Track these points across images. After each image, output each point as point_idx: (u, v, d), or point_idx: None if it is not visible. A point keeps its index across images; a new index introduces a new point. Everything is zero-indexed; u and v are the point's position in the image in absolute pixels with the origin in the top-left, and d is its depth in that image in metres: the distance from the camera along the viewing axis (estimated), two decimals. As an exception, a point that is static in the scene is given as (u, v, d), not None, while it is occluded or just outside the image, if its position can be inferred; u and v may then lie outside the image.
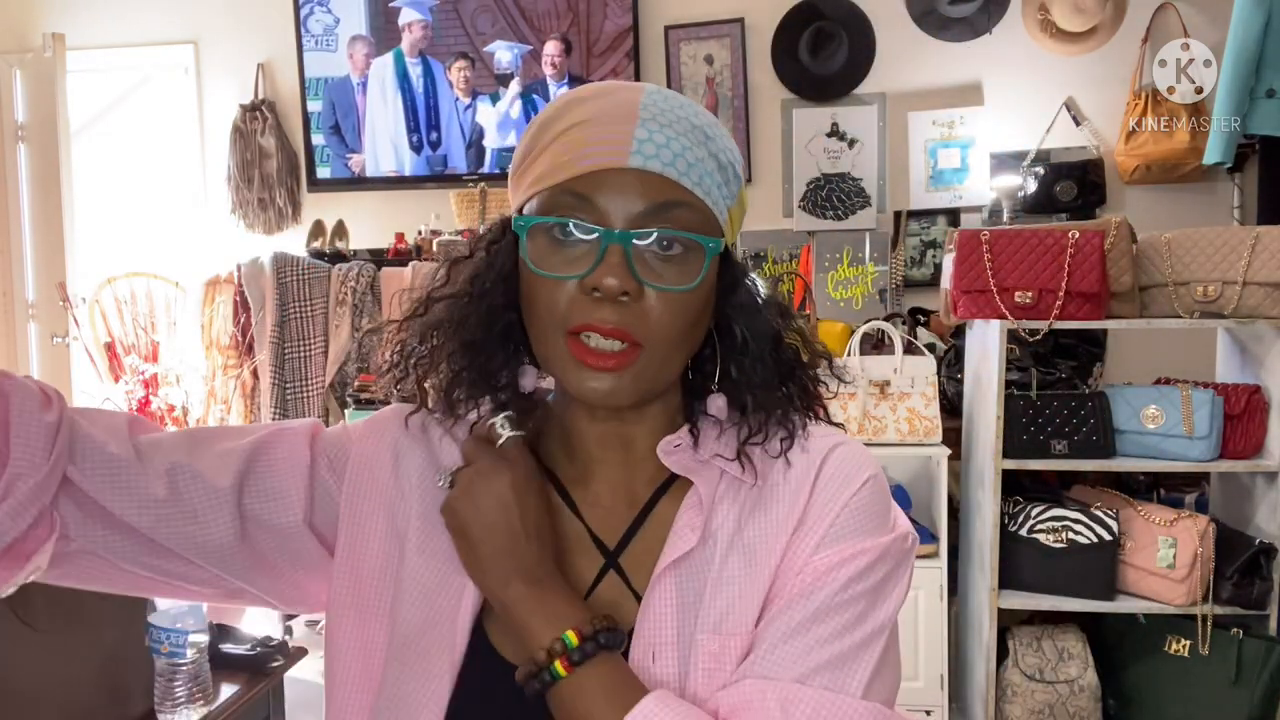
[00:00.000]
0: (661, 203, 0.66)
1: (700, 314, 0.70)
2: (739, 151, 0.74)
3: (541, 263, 0.68)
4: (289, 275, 3.44)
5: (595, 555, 0.74)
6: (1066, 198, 3.36)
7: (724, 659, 0.68)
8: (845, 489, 0.72)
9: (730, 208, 0.72)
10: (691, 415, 0.77)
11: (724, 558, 0.71)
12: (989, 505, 2.42)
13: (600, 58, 3.80)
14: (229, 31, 3.98)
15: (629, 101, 0.69)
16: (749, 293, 0.75)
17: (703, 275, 0.68)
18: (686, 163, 0.67)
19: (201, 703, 1.32)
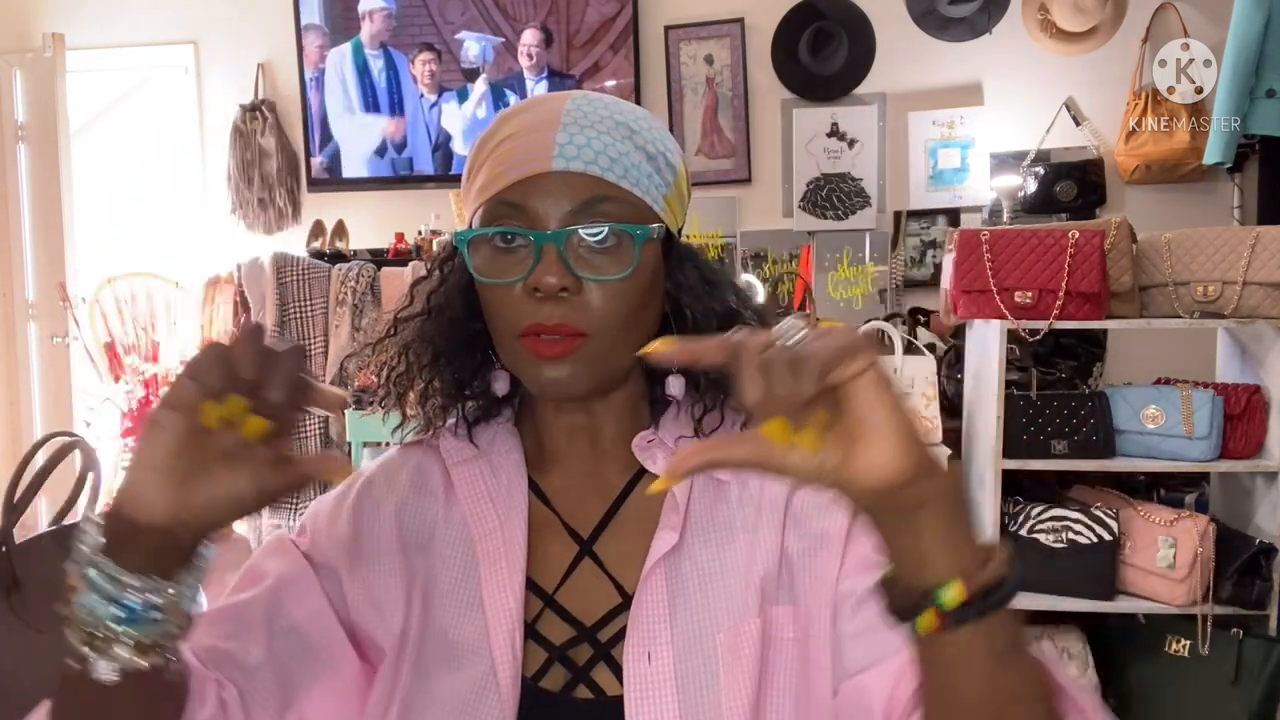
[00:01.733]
0: (587, 199, 0.70)
1: (644, 299, 0.73)
2: (673, 141, 0.78)
3: (487, 272, 0.72)
4: (289, 275, 3.44)
5: (568, 542, 0.76)
6: (1066, 198, 3.36)
7: (740, 650, 0.70)
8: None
9: (666, 195, 0.75)
10: (653, 401, 0.80)
11: (703, 550, 0.73)
12: (989, 505, 2.42)
13: (582, 49, 3.69)
14: (229, 31, 3.98)
15: (553, 110, 0.73)
16: (696, 274, 0.78)
17: (635, 262, 0.71)
18: (609, 158, 0.71)
19: (201, 703, 1.31)
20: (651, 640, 0.70)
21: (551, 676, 0.72)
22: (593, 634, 0.73)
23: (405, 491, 0.79)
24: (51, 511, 1.36)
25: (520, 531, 0.75)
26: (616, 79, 3.69)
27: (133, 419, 3.16)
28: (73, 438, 1.38)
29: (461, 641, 0.73)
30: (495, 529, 0.75)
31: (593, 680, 0.72)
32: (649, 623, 0.71)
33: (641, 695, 0.69)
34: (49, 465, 1.32)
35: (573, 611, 0.74)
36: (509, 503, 0.77)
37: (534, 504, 0.77)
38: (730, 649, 0.70)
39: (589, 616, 0.74)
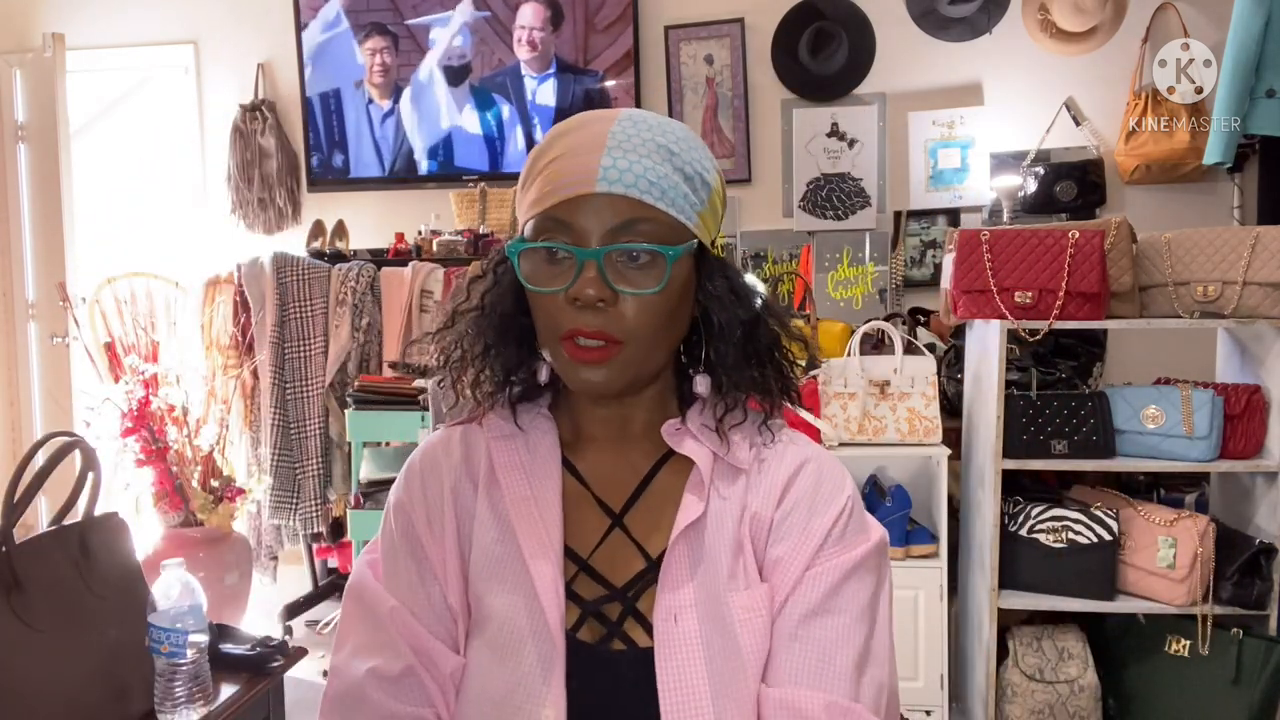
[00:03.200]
0: (627, 220, 0.77)
1: (675, 308, 0.81)
2: (709, 159, 0.84)
3: (534, 280, 0.80)
4: (289, 275, 3.44)
5: (600, 516, 0.85)
6: (1066, 198, 3.36)
7: (755, 609, 0.80)
8: (829, 507, 0.83)
9: (700, 211, 0.82)
10: (684, 395, 0.89)
11: (720, 525, 0.83)
12: (989, 505, 2.42)
13: (605, 34, 3.51)
14: (229, 31, 3.98)
15: (600, 133, 0.80)
16: (725, 284, 0.85)
17: (666, 278, 0.78)
18: (649, 181, 0.78)
19: (201, 703, 1.32)
20: (677, 603, 0.79)
21: (588, 629, 0.82)
22: (623, 594, 0.82)
23: (459, 468, 0.88)
24: (51, 511, 1.35)
25: (555, 501, 0.84)
26: (616, 78, 3.69)
27: (133, 419, 3.16)
28: (73, 438, 1.37)
29: (510, 599, 0.82)
30: (528, 498, 0.84)
31: (625, 634, 0.81)
32: (675, 585, 0.80)
33: (670, 651, 0.78)
34: (49, 465, 1.32)
35: (604, 574, 0.83)
36: (544, 476, 0.85)
37: (568, 479, 0.87)
38: (746, 608, 0.80)
39: (619, 579, 0.83)
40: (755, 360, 0.85)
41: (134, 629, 1.31)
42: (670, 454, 0.86)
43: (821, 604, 0.80)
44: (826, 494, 0.84)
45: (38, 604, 1.23)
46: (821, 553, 0.82)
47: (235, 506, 3.22)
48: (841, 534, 0.83)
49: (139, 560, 1.40)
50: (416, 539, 0.86)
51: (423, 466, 0.89)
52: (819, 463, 0.86)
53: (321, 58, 3.84)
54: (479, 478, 0.87)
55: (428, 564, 0.86)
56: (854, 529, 0.84)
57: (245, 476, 3.46)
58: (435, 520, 0.86)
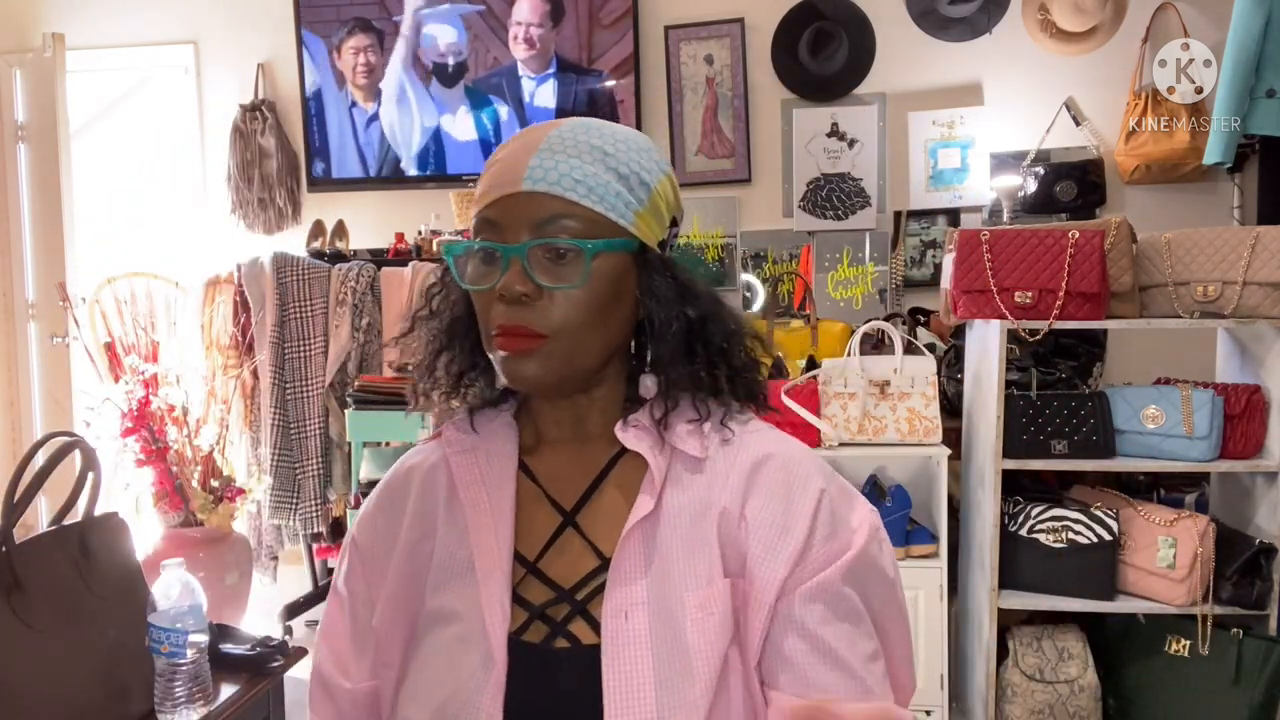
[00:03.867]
0: (548, 216, 0.79)
1: (606, 306, 0.81)
2: (654, 163, 0.85)
3: (471, 279, 0.82)
4: (289, 275, 3.44)
5: (552, 515, 0.86)
6: (1066, 198, 3.36)
7: (709, 606, 0.78)
8: (804, 500, 0.81)
9: (639, 211, 0.82)
10: (634, 394, 0.88)
11: (676, 520, 0.82)
12: (989, 505, 2.42)
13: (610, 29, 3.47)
14: (229, 31, 3.98)
15: (538, 138, 0.82)
16: (669, 284, 0.85)
17: (586, 271, 0.79)
18: (574, 179, 0.79)
19: (201, 703, 1.32)
20: (628, 600, 0.79)
21: (533, 631, 0.81)
22: (571, 594, 0.82)
23: (417, 491, 0.90)
24: (51, 511, 1.35)
25: (508, 507, 0.85)
26: (617, 79, 3.69)
27: (133, 419, 3.16)
28: (73, 438, 1.37)
29: (458, 607, 0.83)
30: (486, 510, 0.85)
31: (570, 632, 0.80)
32: (627, 582, 0.79)
33: (618, 647, 0.77)
34: (49, 465, 1.32)
35: (553, 576, 0.83)
36: (500, 484, 0.86)
37: (523, 482, 0.88)
38: (700, 606, 0.78)
39: (569, 580, 0.83)
40: (704, 360, 0.85)
41: (134, 629, 1.32)
42: (625, 451, 0.86)
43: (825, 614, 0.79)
44: (799, 486, 0.82)
45: (38, 604, 1.23)
46: (808, 555, 0.80)
47: (235, 506, 3.22)
48: (829, 529, 0.81)
49: (139, 560, 1.40)
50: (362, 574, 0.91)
51: (386, 499, 0.92)
52: (784, 454, 0.84)
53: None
54: (439, 499, 0.89)
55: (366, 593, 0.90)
56: (839, 518, 0.82)
57: (245, 476, 3.46)
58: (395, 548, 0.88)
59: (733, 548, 0.81)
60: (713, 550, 0.80)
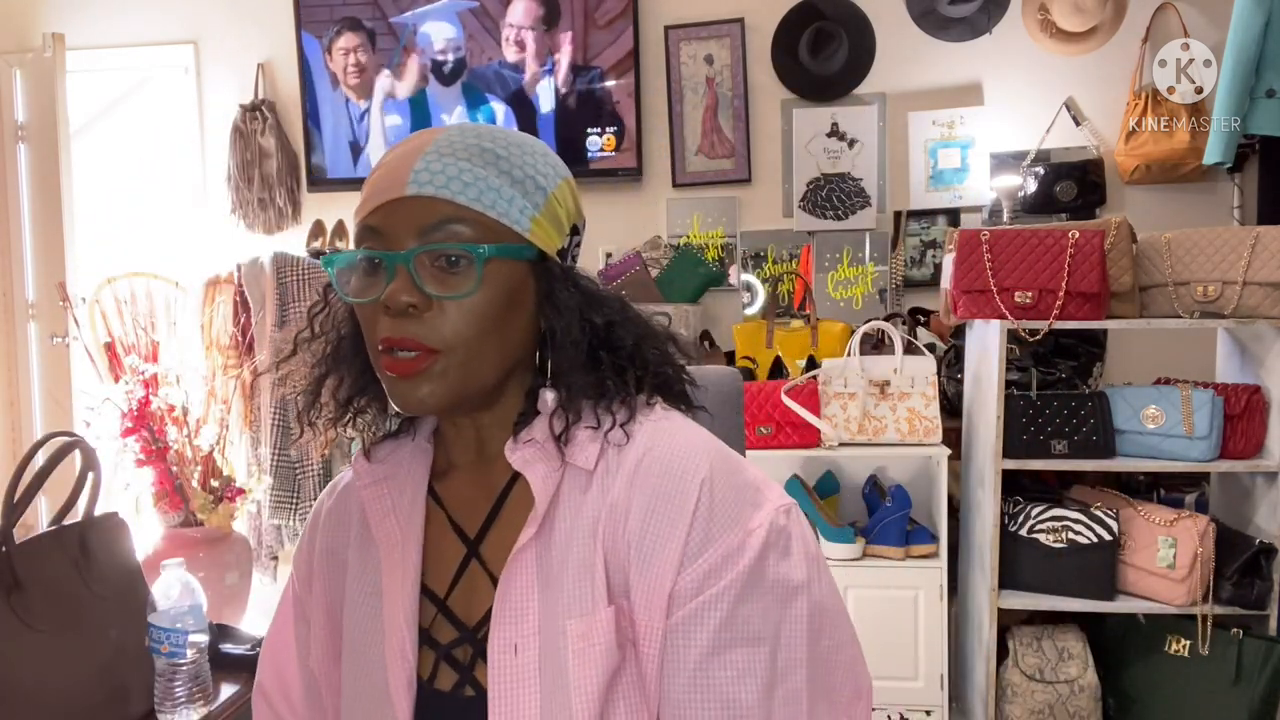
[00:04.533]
0: (435, 221, 0.73)
1: (500, 316, 0.75)
2: (550, 167, 0.80)
3: (354, 292, 0.77)
4: (289, 275, 3.44)
5: (458, 545, 0.81)
6: (1066, 198, 3.36)
7: (591, 637, 0.72)
8: (685, 500, 0.73)
9: (534, 216, 0.77)
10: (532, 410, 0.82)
11: (568, 543, 0.76)
12: (989, 505, 2.42)
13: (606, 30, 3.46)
14: (229, 31, 3.98)
15: (423, 142, 0.76)
16: (570, 293, 0.79)
17: (478, 280, 0.73)
18: (463, 183, 0.74)
19: (201, 703, 1.32)
20: (518, 632, 0.74)
21: (443, 676, 0.78)
22: (473, 634, 0.78)
23: (329, 524, 0.88)
24: (51, 511, 1.35)
25: (416, 540, 0.81)
26: (617, 79, 3.68)
27: (133, 419, 3.16)
28: (73, 438, 1.37)
29: (369, 651, 0.80)
30: (397, 544, 0.81)
31: (475, 677, 0.77)
32: (515, 614, 0.75)
33: (505, 689, 0.73)
34: (49, 465, 1.32)
35: (458, 612, 0.79)
36: (410, 515, 0.82)
37: (431, 510, 0.83)
38: (582, 636, 0.72)
39: (472, 616, 0.79)
40: (610, 366, 0.80)
41: (134, 629, 1.32)
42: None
43: (713, 642, 0.71)
44: (675, 483, 0.74)
45: (38, 604, 1.23)
46: (688, 567, 0.72)
47: (235, 506, 3.22)
48: (706, 533, 0.72)
49: (139, 560, 1.40)
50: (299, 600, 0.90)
51: (312, 521, 0.90)
52: (665, 446, 0.76)
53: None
54: (351, 532, 0.85)
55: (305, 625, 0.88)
56: (729, 518, 0.73)
57: (245, 476, 3.46)
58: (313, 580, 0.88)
59: (618, 568, 0.74)
60: (595, 572, 0.74)
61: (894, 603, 2.51)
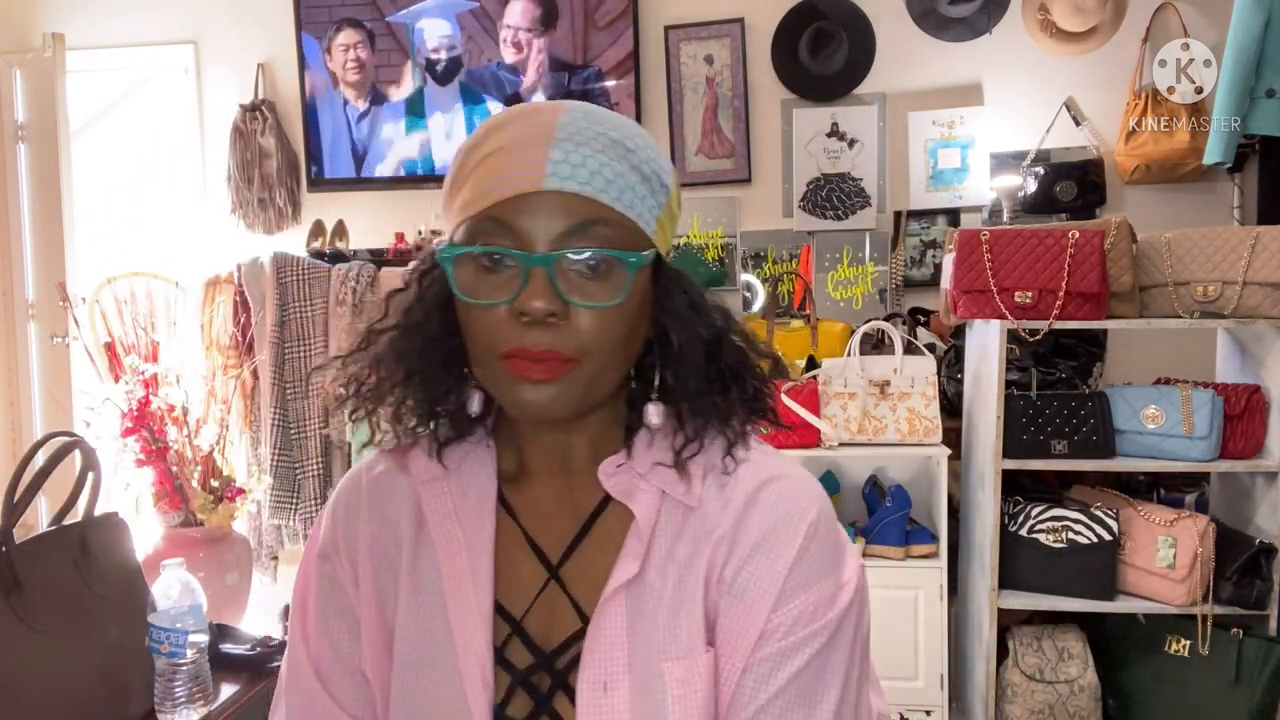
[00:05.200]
0: (580, 221, 0.67)
1: (633, 326, 0.71)
2: (666, 160, 0.74)
3: (470, 291, 0.69)
4: (289, 275, 3.44)
5: (536, 566, 0.75)
6: (1066, 198, 3.36)
7: (692, 683, 0.69)
8: (791, 539, 0.72)
9: (659, 217, 0.72)
10: (634, 424, 0.77)
11: (663, 580, 0.72)
12: (989, 505, 2.42)
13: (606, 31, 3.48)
14: (229, 31, 3.98)
15: (546, 123, 0.69)
16: (684, 299, 0.74)
17: (627, 290, 0.68)
18: (605, 179, 0.68)
19: (201, 703, 1.32)
20: (608, 670, 0.69)
21: (516, 704, 0.73)
22: (551, 661, 0.73)
23: (380, 516, 0.79)
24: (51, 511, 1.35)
25: (487, 553, 0.74)
26: (617, 79, 3.68)
27: (133, 419, 3.16)
28: (73, 438, 1.37)
29: (435, 667, 0.73)
30: (461, 550, 0.74)
31: (554, 709, 0.72)
32: (606, 650, 0.70)
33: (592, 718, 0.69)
34: (49, 465, 1.32)
35: (535, 637, 0.74)
36: (477, 522, 0.75)
37: (503, 522, 0.77)
38: (682, 681, 0.69)
39: (549, 642, 0.74)
40: (719, 383, 0.75)
41: (134, 629, 1.32)
42: None
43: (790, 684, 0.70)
44: (785, 534, 0.72)
45: (38, 604, 1.23)
46: (784, 608, 0.70)
47: (235, 506, 3.21)
48: (805, 579, 0.71)
49: (139, 560, 1.40)
50: (344, 592, 0.79)
51: (347, 510, 0.80)
52: (775, 488, 0.74)
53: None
54: (403, 527, 0.77)
55: (356, 624, 0.78)
56: (825, 564, 0.72)
57: (245, 476, 3.46)
58: (358, 573, 0.78)
59: (712, 605, 0.72)
60: (696, 611, 0.71)
61: (894, 603, 2.51)
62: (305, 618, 0.80)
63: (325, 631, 0.79)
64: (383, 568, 0.77)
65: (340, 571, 0.79)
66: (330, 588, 0.79)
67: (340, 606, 0.79)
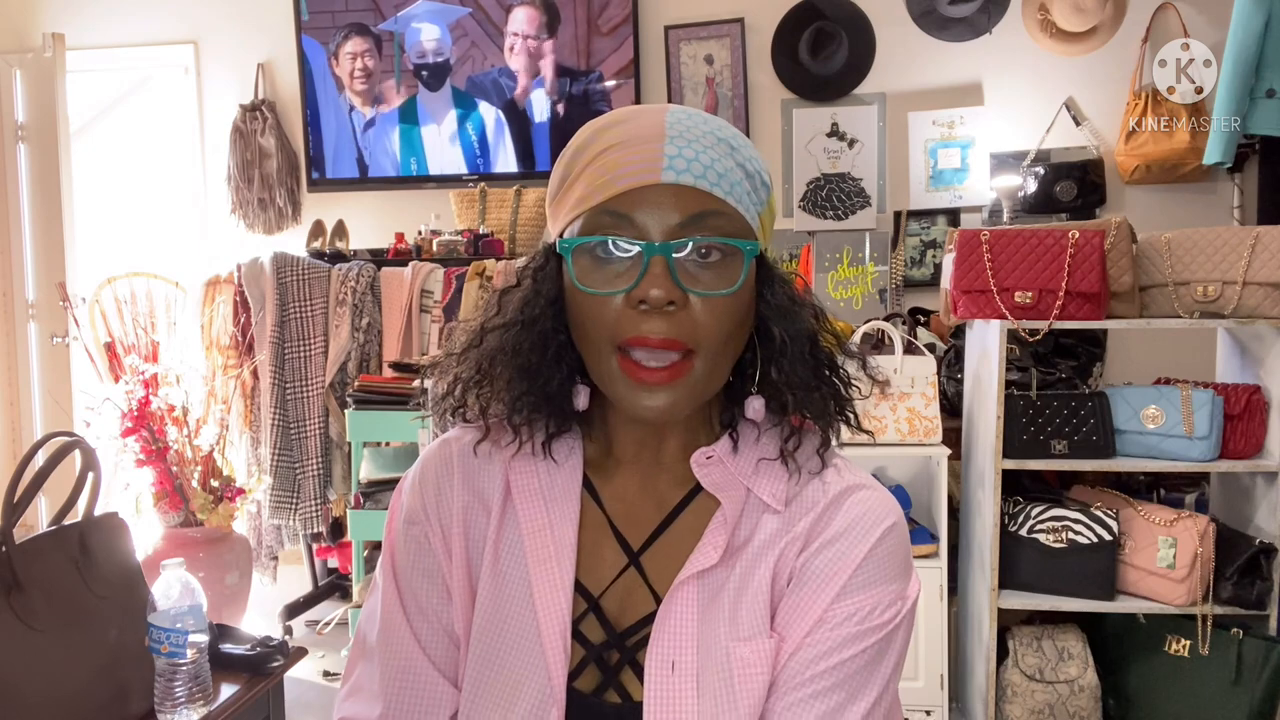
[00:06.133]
0: (696, 213, 0.70)
1: (744, 316, 0.74)
2: (763, 160, 0.77)
3: (588, 281, 0.71)
4: (289, 275, 3.44)
5: (617, 552, 0.78)
6: (1066, 198, 3.36)
7: (757, 664, 0.72)
8: (867, 537, 0.74)
9: (760, 213, 0.75)
10: (728, 419, 0.80)
11: (735, 568, 0.75)
12: (989, 505, 2.42)
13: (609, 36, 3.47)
14: (229, 31, 3.98)
15: (655, 122, 0.72)
16: (786, 294, 0.77)
17: (743, 278, 0.71)
18: (717, 173, 0.70)
19: (201, 703, 1.32)
20: (677, 650, 0.72)
21: (586, 677, 0.75)
22: (623, 640, 0.76)
23: (470, 486, 0.81)
24: (51, 511, 1.35)
25: (571, 533, 0.77)
26: (617, 79, 3.69)
27: (133, 419, 3.16)
28: (73, 438, 1.37)
29: (513, 633, 0.76)
30: (545, 527, 0.77)
31: (621, 684, 0.75)
32: (676, 631, 0.73)
33: (661, 702, 0.71)
34: (49, 465, 1.32)
35: (611, 616, 0.77)
36: (563, 503, 0.78)
37: (588, 506, 0.79)
38: (747, 662, 0.71)
39: (623, 622, 0.76)
40: (818, 379, 0.77)
41: (134, 629, 1.32)
42: (701, 486, 0.78)
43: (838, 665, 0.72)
44: (861, 530, 0.74)
45: (38, 604, 1.23)
46: (846, 600, 0.73)
47: (235, 506, 3.22)
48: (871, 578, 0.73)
49: (139, 560, 1.40)
50: (433, 555, 0.81)
51: (437, 477, 0.81)
52: (862, 495, 0.76)
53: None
54: (492, 499, 0.80)
55: (444, 586, 0.80)
56: (892, 570, 0.74)
57: (245, 476, 3.46)
58: (449, 537, 0.80)
59: (779, 591, 0.75)
60: (761, 600, 0.73)
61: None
62: (395, 579, 0.81)
63: (413, 593, 0.80)
64: (474, 535, 0.79)
65: (430, 535, 0.80)
66: (418, 551, 0.81)
67: (428, 569, 0.80)
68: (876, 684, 0.73)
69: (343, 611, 3.41)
